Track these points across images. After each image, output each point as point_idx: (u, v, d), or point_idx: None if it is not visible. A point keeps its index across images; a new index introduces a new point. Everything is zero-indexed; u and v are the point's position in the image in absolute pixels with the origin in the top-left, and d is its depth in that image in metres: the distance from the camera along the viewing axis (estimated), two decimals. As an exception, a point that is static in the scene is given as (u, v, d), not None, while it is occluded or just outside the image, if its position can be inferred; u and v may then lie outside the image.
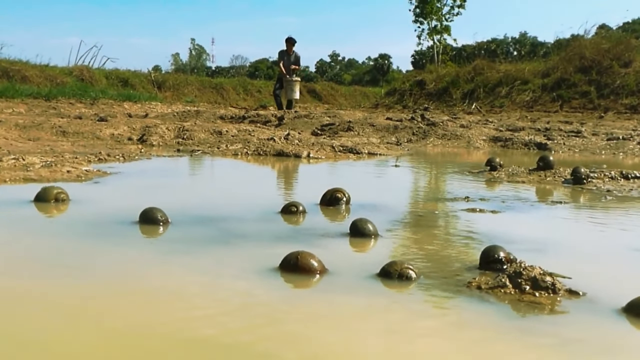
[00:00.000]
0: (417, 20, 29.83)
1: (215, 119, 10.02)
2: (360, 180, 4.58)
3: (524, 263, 1.88)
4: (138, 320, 1.57)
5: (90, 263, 2.08)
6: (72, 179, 3.88)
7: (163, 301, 1.71)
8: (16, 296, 1.73)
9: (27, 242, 2.35)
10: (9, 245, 2.31)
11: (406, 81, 22.07)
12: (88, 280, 1.88)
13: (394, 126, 8.77)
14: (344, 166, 5.39)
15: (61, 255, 2.17)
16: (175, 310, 1.64)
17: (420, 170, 5.39)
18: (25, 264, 2.04)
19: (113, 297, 1.73)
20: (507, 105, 16.33)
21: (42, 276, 1.91)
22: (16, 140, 6.32)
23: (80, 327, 1.52)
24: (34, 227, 2.63)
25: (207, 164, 5.30)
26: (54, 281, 1.86)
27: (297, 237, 2.54)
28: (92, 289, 1.80)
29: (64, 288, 1.81)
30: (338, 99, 30.71)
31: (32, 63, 20.34)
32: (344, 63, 75.35)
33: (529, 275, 1.82)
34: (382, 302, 1.78)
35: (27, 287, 1.81)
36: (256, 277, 1.94)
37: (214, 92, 26.27)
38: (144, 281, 1.89)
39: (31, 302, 1.68)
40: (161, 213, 2.64)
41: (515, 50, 48.32)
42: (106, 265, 2.06)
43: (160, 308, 1.66)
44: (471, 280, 1.91)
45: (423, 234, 2.68)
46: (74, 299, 1.72)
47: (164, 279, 1.92)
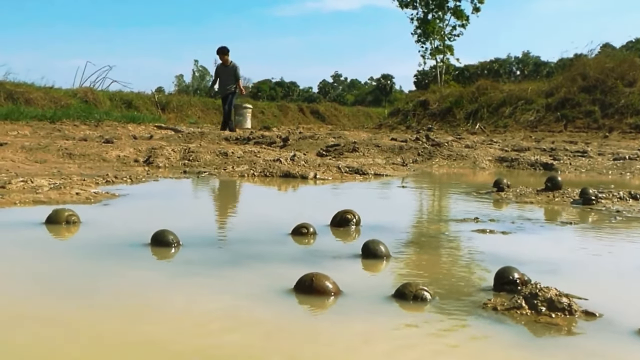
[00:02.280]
0: (419, 40, 30.00)
1: (220, 140, 10.04)
2: (368, 202, 4.59)
3: (540, 284, 1.87)
4: (154, 340, 1.57)
5: (103, 285, 2.08)
6: (82, 201, 3.88)
7: (178, 322, 1.71)
8: (31, 317, 1.73)
9: (40, 264, 2.36)
10: (24, 267, 2.31)
11: (409, 101, 22.17)
12: (101, 302, 1.88)
13: (399, 147, 8.78)
14: (351, 187, 5.39)
15: (75, 277, 2.17)
16: (191, 332, 1.64)
17: (428, 191, 5.40)
18: (39, 286, 2.04)
19: (127, 319, 1.73)
20: (511, 125, 16.37)
21: (56, 297, 1.91)
22: (23, 162, 6.34)
23: (91, 347, 1.52)
24: (47, 249, 2.64)
25: (215, 185, 5.31)
26: (69, 302, 1.87)
27: (309, 258, 2.54)
28: (105, 310, 1.80)
29: (79, 309, 1.81)
30: (341, 120, 30.83)
31: (37, 85, 20.43)
32: (346, 83, 75.72)
33: (545, 297, 1.82)
34: (398, 323, 1.78)
35: (42, 308, 1.81)
36: (271, 299, 1.94)
37: (217, 113, 26.33)
38: (159, 303, 1.89)
39: (45, 324, 1.68)
40: (173, 235, 2.64)
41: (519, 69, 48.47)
42: (120, 287, 2.06)
43: (175, 329, 1.66)
44: (486, 301, 1.91)
45: (435, 255, 2.68)
46: (89, 320, 1.72)
47: (178, 300, 1.92)
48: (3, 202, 3.67)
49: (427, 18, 29.13)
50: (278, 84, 66.21)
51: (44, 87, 20.56)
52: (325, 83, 74.41)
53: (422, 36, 29.58)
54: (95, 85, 23.23)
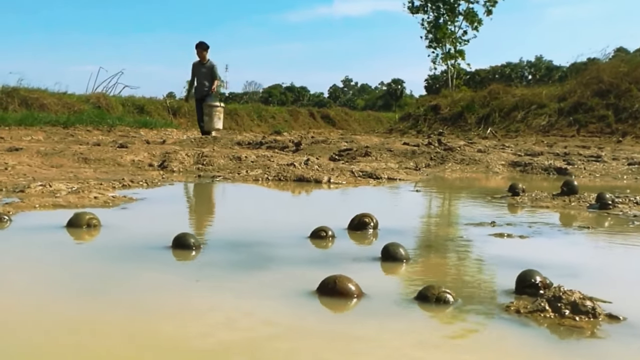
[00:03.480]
0: (430, 45, 29.95)
1: (232, 145, 10.07)
2: (383, 205, 4.60)
3: (563, 287, 1.88)
4: (180, 340, 1.59)
5: (128, 287, 2.11)
6: (100, 204, 3.91)
7: (203, 323, 1.73)
8: (56, 319, 1.75)
9: (64, 267, 2.39)
10: (48, 270, 2.34)
11: (420, 106, 22.13)
12: (126, 304, 1.90)
13: (412, 151, 8.79)
14: (366, 191, 5.40)
15: (99, 280, 2.20)
16: (216, 333, 1.66)
17: (442, 195, 5.40)
18: (65, 288, 2.07)
19: (153, 321, 1.75)
20: (523, 130, 16.31)
21: (83, 300, 1.94)
22: (40, 167, 6.39)
23: (118, 348, 1.54)
24: (69, 253, 2.67)
25: (230, 189, 5.34)
26: (95, 304, 1.89)
27: (329, 261, 2.56)
28: (131, 312, 1.82)
29: (104, 311, 1.83)
30: (352, 124, 30.83)
31: (51, 91, 20.55)
32: (356, 88, 75.78)
33: (569, 300, 1.82)
34: (421, 325, 1.79)
35: (69, 310, 1.83)
36: (294, 301, 1.96)
37: (228, 118, 26.33)
38: (183, 305, 1.91)
39: (71, 326, 1.70)
40: (194, 238, 2.66)
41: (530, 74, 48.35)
42: (144, 289, 2.09)
43: (201, 330, 1.67)
44: (509, 304, 1.92)
45: (454, 258, 2.69)
46: (115, 322, 1.74)
47: (202, 302, 1.94)
48: (23, 206, 3.70)
49: (438, 22, 29.11)
50: (288, 88, 66.35)
51: (58, 93, 20.68)
52: (336, 88, 74.49)
53: (433, 41, 29.55)
54: (107, 90, 23.36)
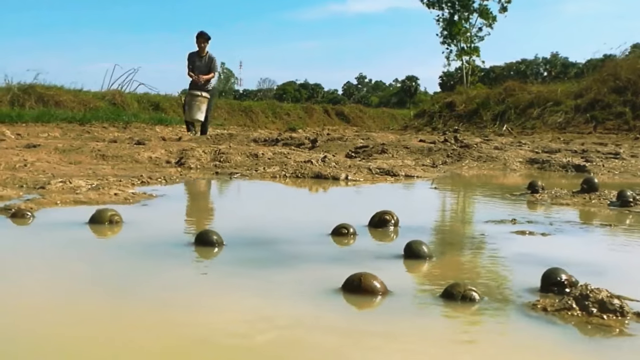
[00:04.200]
0: (445, 42, 29.90)
1: (248, 142, 10.09)
2: (402, 203, 4.60)
3: (590, 285, 1.87)
4: (206, 338, 1.60)
5: (152, 283, 2.12)
6: (120, 201, 3.93)
7: (229, 321, 1.73)
8: (84, 315, 1.76)
9: (89, 263, 2.40)
10: (73, 266, 2.35)
11: (435, 103, 22.10)
12: (152, 300, 1.91)
13: (428, 148, 8.77)
14: (384, 188, 5.40)
15: (124, 276, 2.21)
16: (242, 330, 1.66)
17: (460, 193, 5.39)
18: (91, 285, 2.08)
19: (179, 317, 1.76)
20: (539, 127, 16.25)
21: (109, 296, 1.95)
22: (58, 163, 6.42)
23: (143, 344, 1.55)
24: (93, 249, 2.69)
25: (248, 186, 5.34)
26: (120, 301, 1.90)
27: (351, 258, 2.56)
28: (157, 308, 1.83)
29: (130, 307, 1.84)
30: (366, 121, 30.80)
31: (67, 88, 20.67)
32: (370, 85, 75.64)
33: (597, 298, 1.81)
34: (448, 323, 1.79)
35: (94, 306, 1.84)
36: (319, 298, 1.96)
37: (243, 115, 26.49)
38: (209, 302, 1.91)
39: (98, 321, 1.71)
40: (217, 235, 2.67)
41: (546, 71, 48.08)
42: (169, 286, 2.10)
43: (227, 327, 1.68)
44: (535, 302, 1.91)
45: (476, 256, 2.69)
46: (140, 318, 1.75)
47: (228, 299, 1.95)
48: (45, 202, 3.72)
49: (453, 19, 29.04)
50: (302, 85, 66.36)
51: (74, 90, 20.81)
52: (350, 85, 74.41)
53: (447, 37, 29.49)
54: (123, 87, 23.45)
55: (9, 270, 2.28)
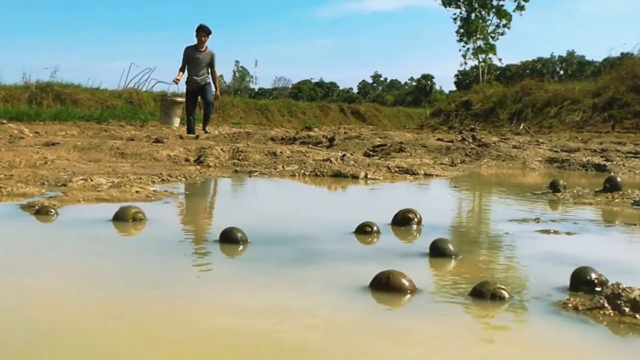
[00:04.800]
0: (461, 40, 29.82)
1: (266, 140, 10.11)
2: (423, 201, 4.58)
3: (622, 284, 1.85)
4: (234, 334, 1.59)
5: (178, 281, 2.12)
6: (142, 199, 3.94)
7: (258, 318, 1.73)
8: (112, 312, 1.76)
9: (115, 260, 2.41)
10: (99, 263, 2.36)
11: (452, 102, 22.02)
12: (178, 297, 1.92)
13: (446, 147, 8.74)
14: (404, 187, 5.39)
15: (150, 273, 2.22)
16: (271, 328, 1.66)
17: (481, 191, 5.36)
18: (117, 282, 2.09)
19: (205, 314, 1.76)
20: (556, 126, 16.16)
21: (135, 293, 1.95)
22: (78, 161, 6.45)
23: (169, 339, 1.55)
24: (118, 246, 2.71)
25: (268, 184, 5.35)
26: (147, 298, 1.90)
27: (376, 256, 2.55)
28: (183, 305, 1.84)
29: (156, 304, 1.84)
30: (382, 120, 30.74)
31: (84, 86, 20.79)
32: (386, 84, 75.51)
33: (629, 297, 1.80)
34: (478, 321, 1.78)
35: (124, 302, 1.85)
36: (348, 296, 1.95)
37: (258, 113, 26.51)
38: (236, 299, 1.91)
39: (125, 317, 1.72)
40: (241, 233, 2.67)
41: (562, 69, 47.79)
42: (195, 283, 2.10)
43: (256, 325, 1.68)
44: (566, 301, 1.90)
45: (502, 255, 2.67)
46: (167, 315, 1.75)
47: (256, 297, 1.94)
48: (67, 200, 3.74)
49: (470, 17, 28.94)
50: (318, 84, 66.34)
51: (91, 88, 20.94)
52: (365, 83, 74.30)
53: (464, 36, 29.40)
54: (139, 86, 23.55)
55: (38, 266, 2.29)
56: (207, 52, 11.59)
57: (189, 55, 11.56)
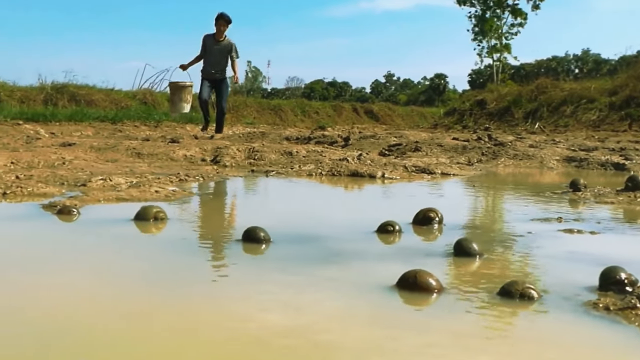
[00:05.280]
0: (476, 39, 29.70)
1: (281, 140, 10.09)
2: (442, 200, 4.56)
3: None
4: (259, 335, 1.59)
5: (202, 280, 2.12)
6: (162, 198, 3.94)
7: (284, 318, 1.72)
8: (135, 313, 1.76)
9: (138, 259, 2.41)
10: (123, 262, 2.36)
11: (466, 101, 21.91)
12: (202, 297, 1.91)
13: (462, 146, 8.70)
14: (421, 186, 5.36)
15: (173, 272, 2.22)
16: (298, 327, 1.65)
17: (500, 190, 5.33)
18: (145, 280, 2.08)
19: (230, 314, 1.75)
20: (572, 125, 16.03)
21: (159, 292, 1.95)
22: (95, 161, 6.47)
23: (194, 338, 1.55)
24: (141, 245, 2.71)
25: (286, 184, 5.34)
26: (171, 297, 1.90)
27: (400, 256, 2.54)
28: (207, 305, 1.83)
29: (180, 304, 1.84)
30: (395, 120, 30.66)
31: (98, 87, 20.84)
32: (399, 83, 75.40)
33: (661, 297, 1.77)
34: (507, 321, 1.77)
35: (150, 301, 1.84)
36: (374, 295, 1.94)
37: (272, 113, 26.48)
38: (260, 298, 1.90)
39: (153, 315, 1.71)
40: (263, 232, 2.66)
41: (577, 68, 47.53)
42: (219, 282, 2.10)
43: (281, 324, 1.67)
44: (596, 301, 1.87)
45: (527, 254, 2.65)
46: (190, 311, 1.74)
47: (281, 296, 1.93)
48: (88, 200, 3.75)
49: (485, 16, 28.81)
50: (330, 84, 66.35)
51: (105, 89, 20.96)
52: (378, 83, 74.25)
53: (479, 34, 29.27)
54: (153, 87, 23.58)
55: (65, 265, 2.29)
56: (226, 42, 11.00)
57: (207, 44, 11.04)
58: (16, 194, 3.96)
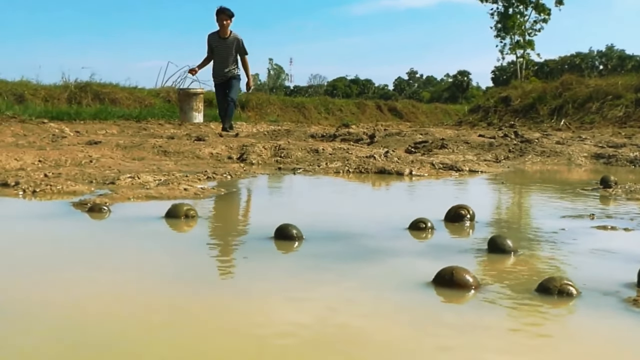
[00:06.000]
0: (498, 35, 29.54)
1: (306, 138, 10.08)
2: (472, 197, 4.53)
3: (696, 280, 1.80)
4: (295, 332, 1.58)
5: (237, 277, 2.12)
6: (191, 196, 3.96)
7: (322, 315, 1.72)
8: (175, 307, 1.76)
9: (174, 256, 2.42)
10: (162, 259, 2.38)
11: (490, 98, 21.75)
12: (238, 294, 1.91)
13: (489, 143, 8.64)
14: (450, 183, 5.33)
15: (208, 270, 2.22)
16: (336, 325, 1.64)
17: (529, 187, 5.29)
18: (180, 277, 2.09)
19: (266, 310, 1.75)
20: (598, 122, 15.85)
21: (196, 289, 1.95)
22: (122, 160, 6.51)
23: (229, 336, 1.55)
24: (175, 243, 2.73)
25: (314, 181, 5.34)
26: (207, 294, 1.90)
27: (433, 252, 2.52)
28: (243, 301, 1.83)
29: (215, 300, 1.84)
30: (419, 117, 30.55)
31: (122, 86, 20.96)
32: (422, 80, 75.16)
33: None
34: (548, 317, 1.76)
35: (186, 298, 1.85)
36: (411, 291, 1.93)
37: (295, 111, 26.49)
38: (295, 294, 1.90)
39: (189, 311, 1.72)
40: (296, 229, 2.66)
41: (602, 64, 47.06)
42: (254, 279, 2.09)
43: (319, 322, 1.66)
44: (636, 297, 1.85)
45: (562, 251, 2.62)
46: (227, 308, 1.75)
47: (313, 294, 1.93)
48: (117, 198, 3.77)
49: (508, 13, 28.64)
50: (353, 81, 66.31)
51: (129, 88, 21.08)
52: (401, 80, 74.07)
53: (501, 31, 29.11)
54: (177, 85, 23.67)
55: (101, 262, 2.31)
56: (232, 38, 10.15)
57: (212, 44, 10.27)
58: (46, 192, 3.99)
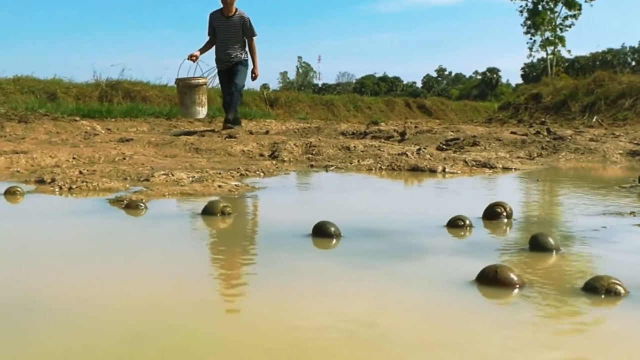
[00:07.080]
0: (528, 32, 29.24)
1: (337, 135, 10.06)
2: (508, 194, 4.47)
3: None
4: (329, 325, 1.57)
5: (276, 274, 2.11)
6: (225, 193, 3.96)
7: (362, 313, 1.70)
8: (219, 302, 1.76)
9: (216, 252, 2.42)
10: (201, 255, 2.38)
11: (521, 95, 21.52)
12: (273, 291, 1.91)
13: (521, 140, 8.55)
14: (484, 180, 5.28)
15: (248, 267, 2.21)
16: (376, 324, 1.63)
17: (565, 185, 5.22)
18: (224, 273, 2.09)
19: (304, 308, 1.74)
20: (631, 118, 15.62)
21: (239, 285, 1.95)
22: (155, 157, 6.55)
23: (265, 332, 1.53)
24: (215, 239, 2.74)
25: (346, 179, 5.32)
26: (247, 291, 1.90)
27: (473, 250, 2.49)
28: (282, 299, 1.82)
29: (254, 297, 1.83)
30: (448, 114, 30.34)
31: (152, 84, 21.08)
32: (450, 78, 74.73)
33: None
34: (596, 316, 1.73)
35: (230, 293, 1.84)
36: (454, 291, 1.91)
37: (324, 108, 26.46)
38: (335, 291, 1.89)
39: (234, 306, 1.71)
40: (334, 227, 2.64)
41: (634, 60, 46.40)
42: (293, 275, 2.08)
43: (358, 319, 1.65)
44: (687, 297, 1.81)
45: (604, 249, 2.57)
46: (267, 304, 1.74)
47: (355, 289, 1.92)
48: (153, 194, 3.79)
49: (537, 9, 28.33)
50: (381, 79, 66.16)
51: (159, 85, 21.19)
52: (429, 77, 73.72)
53: (531, 28, 28.80)
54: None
55: (141, 258, 2.31)
56: (238, 17, 8.85)
57: (215, 24, 8.94)
58: (82, 189, 4.03)
